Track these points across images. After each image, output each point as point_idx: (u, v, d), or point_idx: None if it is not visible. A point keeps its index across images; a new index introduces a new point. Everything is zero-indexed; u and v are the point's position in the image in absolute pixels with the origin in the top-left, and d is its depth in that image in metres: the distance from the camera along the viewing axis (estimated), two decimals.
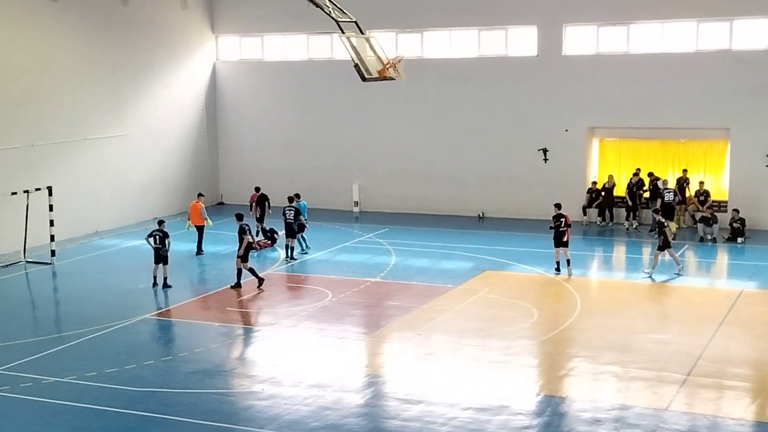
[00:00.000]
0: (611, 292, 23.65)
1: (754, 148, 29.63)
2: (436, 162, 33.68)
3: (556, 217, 24.47)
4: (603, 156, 32.32)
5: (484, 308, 21.68)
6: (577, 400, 15.95)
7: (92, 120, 31.20)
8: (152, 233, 23.79)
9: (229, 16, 36.31)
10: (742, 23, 29.55)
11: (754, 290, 22.96)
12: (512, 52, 32.42)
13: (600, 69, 31.21)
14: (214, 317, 21.47)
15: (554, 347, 18.87)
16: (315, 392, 16.31)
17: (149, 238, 23.82)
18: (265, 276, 24.21)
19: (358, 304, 22.15)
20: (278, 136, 36.06)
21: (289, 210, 26.95)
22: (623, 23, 30.84)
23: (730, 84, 29.68)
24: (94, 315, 21.29)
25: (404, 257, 26.79)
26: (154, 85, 33.87)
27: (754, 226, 29.27)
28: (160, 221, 24.43)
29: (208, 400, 16.10)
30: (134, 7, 32.60)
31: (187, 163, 35.55)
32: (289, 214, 26.84)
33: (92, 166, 31.24)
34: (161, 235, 23.63)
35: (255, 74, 36.39)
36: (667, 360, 17.63)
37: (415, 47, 33.38)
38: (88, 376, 17.21)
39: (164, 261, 23.61)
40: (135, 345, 19.24)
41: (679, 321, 20.43)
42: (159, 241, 23.59)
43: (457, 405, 15.61)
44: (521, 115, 32.36)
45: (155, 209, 32.92)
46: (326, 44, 34.61)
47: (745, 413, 15.27)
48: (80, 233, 30.32)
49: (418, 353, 18.50)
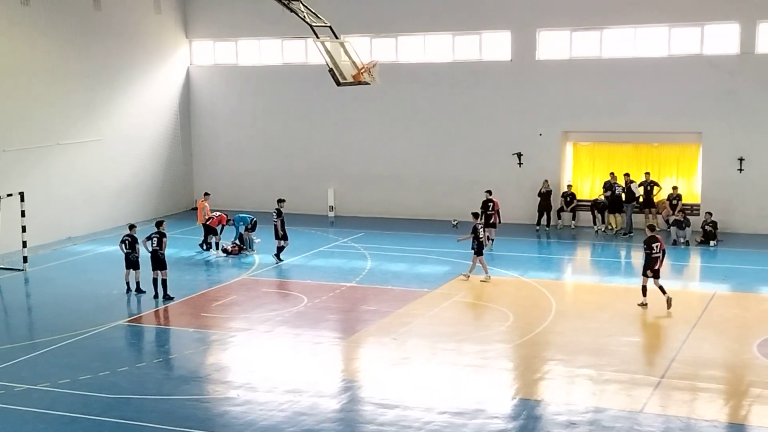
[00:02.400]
0: (585, 296, 23.79)
1: (726, 151, 29.92)
2: (411, 166, 33.74)
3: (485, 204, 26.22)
4: (577, 160, 32.50)
5: (460, 312, 21.73)
6: (553, 403, 16.01)
7: (65, 125, 30.97)
8: (123, 238, 23.65)
9: (203, 20, 36.19)
10: (713, 28, 29.84)
11: (727, 293, 23.18)
12: (486, 56, 32.54)
13: (573, 73, 31.41)
14: (189, 323, 21.36)
15: (529, 350, 18.94)
16: (290, 398, 16.27)
17: (121, 244, 23.67)
18: (239, 281, 24.09)
19: (333, 309, 22.12)
20: (253, 140, 35.98)
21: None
22: (596, 28, 31.04)
23: (702, 88, 29.97)
24: (67, 321, 21.11)
25: (380, 262, 26.79)
26: (127, 89, 33.68)
27: (726, 229, 29.54)
28: (130, 226, 24.27)
29: (182, 406, 16.01)
30: (107, 11, 32.40)
31: (161, 168, 35.36)
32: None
33: (65, 171, 31.00)
34: (131, 240, 23.46)
35: (229, 79, 36.28)
36: (641, 362, 17.77)
37: (390, 52, 33.41)
38: (62, 383, 17.06)
39: (135, 266, 23.43)
40: (109, 351, 19.09)
41: (653, 323, 20.58)
42: (129, 246, 23.43)
43: (433, 409, 15.63)
44: (496, 120, 32.49)
45: (129, 215, 32.67)
46: (301, 49, 34.59)
47: (718, 415, 15.40)
48: (53, 239, 30.08)
49: (394, 358, 18.50)
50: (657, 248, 21.46)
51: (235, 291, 23.84)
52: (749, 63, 29.46)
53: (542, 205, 31.01)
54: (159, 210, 34.51)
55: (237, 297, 23.24)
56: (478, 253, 24.34)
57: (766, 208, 29.73)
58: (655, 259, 21.43)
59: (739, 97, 29.66)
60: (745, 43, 29.37)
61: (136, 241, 23.51)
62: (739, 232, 29.73)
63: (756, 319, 20.89)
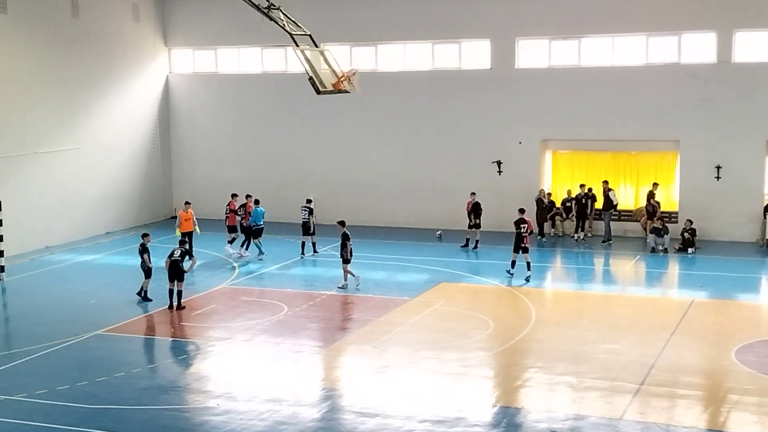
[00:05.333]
0: (565, 303, 23.87)
1: (704, 159, 30.14)
2: (391, 175, 33.77)
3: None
4: (556, 168, 32.64)
5: (441, 320, 21.73)
6: (533, 410, 16.04)
7: (43, 133, 30.76)
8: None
9: (182, 28, 36.10)
10: (690, 37, 30.10)
11: (705, 300, 23.31)
12: (466, 65, 32.66)
13: (552, 82, 31.57)
14: (168, 332, 21.25)
15: (510, 358, 18.97)
16: (271, 407, 16.20)
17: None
18: (218, 290, 23.98)
19: (314, 318, 22.07)
20: (232, 149, 35.89)
21: (303, 209, 28.84)
22: (575, 37, 31.23)
23: (680, 97, 30.20)
24: (44, 331, 20.93)
25: (360, 270, 26.74)
26: (106, 98, 33.52)
27: (704, 236, 29.75)
28: (181, 240, 23.91)
29: (162, 416, 15.91)
30: (86, 19, 32.26)
31: (140, 176, 35.21)
32: (304, 213, 28.76)
33: (43, 180, 30.79)
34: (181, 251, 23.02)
35: (208, 87, 36.20)
36: (621, 370, 17.81)
37: (370, 60, 33.47)
38: (39, 393, 16.90)
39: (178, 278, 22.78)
40: (87, 361, 18.94)
41: (632, 331, 20.65)
42: (180, 256, 22.92)
43: (413, 417, 15.61)
44: (475, 128, 32.59)
45: (108, 223, 32.54)
46: (280, 57, 34.57)
47: (697, 422, 15.48)
48: (31, 248, 29.84)
49: (375, 366, 18.47)
50: (525, 228, 25.22)
51: (215, 300, 23.74)
52: (726, 72, 29.72)
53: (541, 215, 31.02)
54: (138, 219, 34.36)
55: (216, 306, 23.14)
56: (346, 262, 24.65)
57: (743, 216, 29.97)
58: (523, 237, 25.17)
59: (716, 105, 29.91)
60: (722, 52, 29.64)
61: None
62: (717, 240, 29.94)
63: (734, 326, 21.02)
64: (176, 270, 22.64)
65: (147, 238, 23.84)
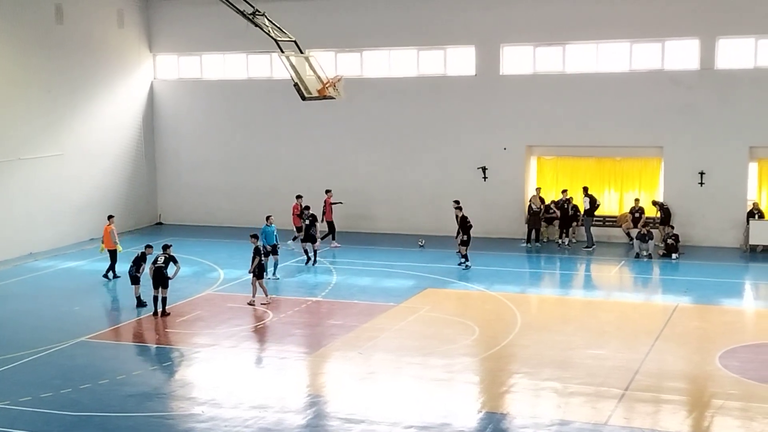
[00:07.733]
0: (550, 309, 23.93)
1: (687, 165, 30.30)
2: (376, 181, 33.78)
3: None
4: (541, 174, 32.74)
5: (426, 326, 21.73)
6: (518, 416, 16.06)
7: (26, 139, 30.62)
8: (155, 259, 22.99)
9: (166, 34, 36.02)
10: (673, 44, 30.27)
11: (689, 305, 23.42)
12: (451, 71, 32.73)
13: (537, 88, 31.68)
14: (153, 339, 21.18)
15: (495, 364, 18.99)
16: (256, 414, 16.16)
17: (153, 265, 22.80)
18: (204, 296, 23.91)
19: (299, 324, 22.04)
20: (217, 155, 35.82)
21: (307, 217, 28.55)
22: (559, 44, 31.36)
23: (663, 103, 30.36)
24: (28, 338, 20.80)
25: (345, 276, 26.75)
26: (90, 104, 33.40)
27: (688, 242, 29.88)
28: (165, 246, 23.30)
29: (146, 423, 15.84)
30: (70, 25, 32.14)
31: (124, 183, 35.07)
32: (307, 221, 28.46)
33: (26, 186, 30.63)
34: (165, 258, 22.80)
35: (193, 93, 36.13)
36: (606, 375, 17.86)
37: (355, 66, 33.50)
38: (23, 401, 16.79)
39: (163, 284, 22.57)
40: (71, 368, 18.84)
41: (617, 336, 20.72)
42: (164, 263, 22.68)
43: (399, 423, 15.60)
44: (460, 134, 32.65)
45: (92, 230, 32.34)
46: (265, 63, 34.55)
47: (681, 426, 15.55)
48: (14, 255, 29.67)
49: (360, 372, 18.46)
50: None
51: (200, 306, 23.66)
52: (709, 78, 29.90)
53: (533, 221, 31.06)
54: (122, 226, 34.09)
55: (201, 312, 23.06)
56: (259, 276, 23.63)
57: (726, 221, 30.13)
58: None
59: (700, 111, 30.09)
60: (705, 59, 29.83)
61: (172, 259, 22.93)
62: (701, 245, 30.08)
63: (717, 331, 21.13)
64: (160, 277, 22.56)
65: (149, 250, 23.71)
